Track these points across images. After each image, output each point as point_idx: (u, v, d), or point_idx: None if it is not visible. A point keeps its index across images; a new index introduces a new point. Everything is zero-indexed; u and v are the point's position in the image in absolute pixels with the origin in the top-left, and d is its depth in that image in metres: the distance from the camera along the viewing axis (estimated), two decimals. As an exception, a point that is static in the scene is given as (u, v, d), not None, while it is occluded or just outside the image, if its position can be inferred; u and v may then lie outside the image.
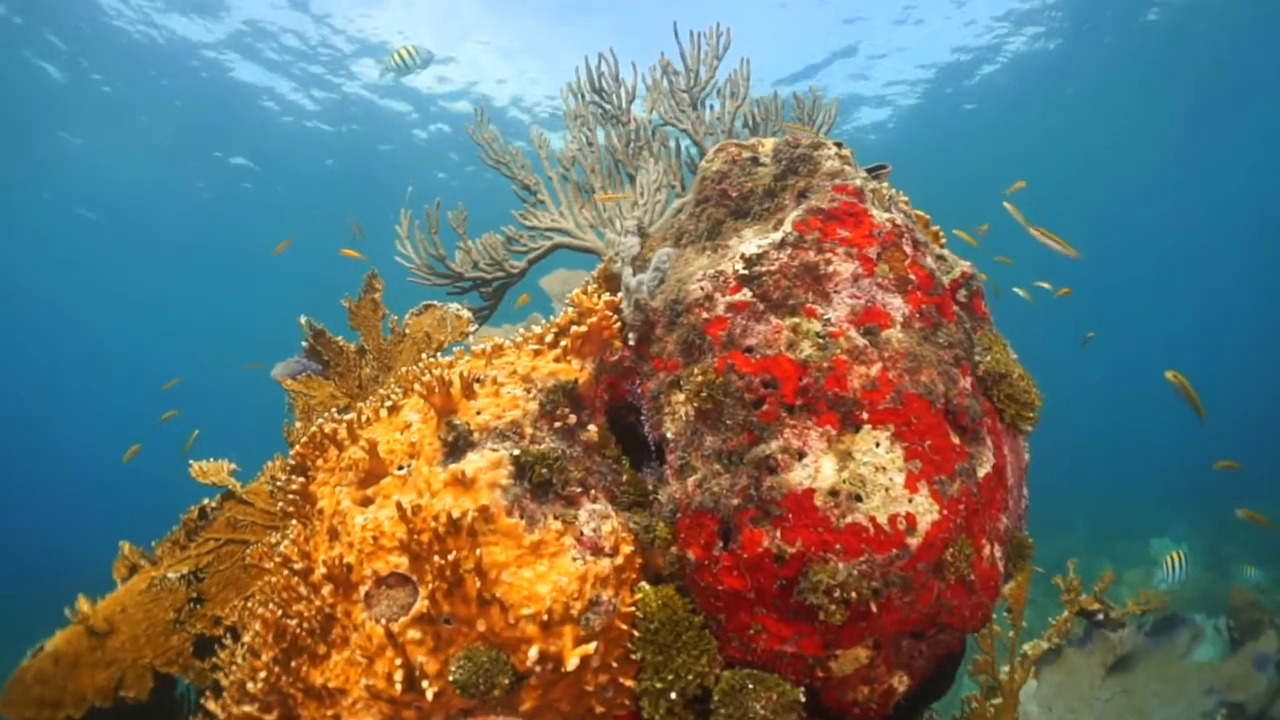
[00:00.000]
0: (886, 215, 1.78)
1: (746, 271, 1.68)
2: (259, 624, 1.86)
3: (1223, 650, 3.99)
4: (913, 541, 1.60)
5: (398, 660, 1.62)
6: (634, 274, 2.10)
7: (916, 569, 1.62)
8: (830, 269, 1.68)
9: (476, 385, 1.77)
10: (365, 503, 1.83)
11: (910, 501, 1.61)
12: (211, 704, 1.77)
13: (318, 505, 1.91)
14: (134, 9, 11.11)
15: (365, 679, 1.64)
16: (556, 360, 1.79)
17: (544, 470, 1.65)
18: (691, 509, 1.64)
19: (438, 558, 1.60)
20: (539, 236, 2.72)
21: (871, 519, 1.59)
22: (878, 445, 1.63)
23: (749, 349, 1.64)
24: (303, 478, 1.95)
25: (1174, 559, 3.86)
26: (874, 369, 1.64)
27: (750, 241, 1.73)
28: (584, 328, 1.78)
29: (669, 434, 1.72)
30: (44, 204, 15.76)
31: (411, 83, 12.92)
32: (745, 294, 1.67)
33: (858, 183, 1.79)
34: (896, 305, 1.72)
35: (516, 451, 1.67)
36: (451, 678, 1.59)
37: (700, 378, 1.63)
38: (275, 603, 1.87)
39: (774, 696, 1.63)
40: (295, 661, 1.75)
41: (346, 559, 1.73)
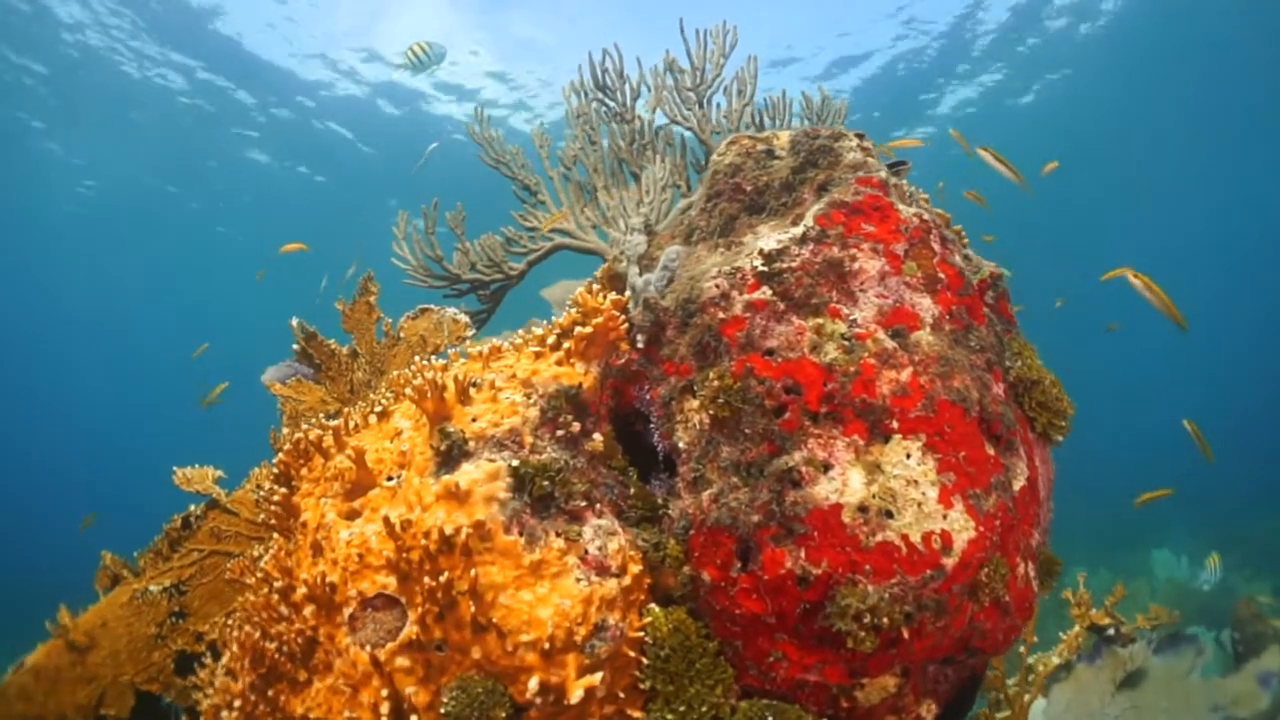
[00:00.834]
0: (913, 210, 1.59)
1: (766, 268, 1.49)
2: (235, 646, 1.64)
3: (1225, 664, 3.81)
4: (948, 562, 1.40)
5: (384, 690, 1.41)
6: (641, 273, 1.91)
7: (951, 591, 1.43)
8: (855, 266, 1.49)
9: (473, 390, 1.57)
10: (351, 516, 1.63)
11: (945, 518, 1.42)
12: (184, 734, 1.56)
13: (301, 518, 1.70)
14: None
15: (348, 710, 1.43)
16: (559, 364, 1.59)
17: (545, 483, 1.45)
18: (707, 526, 1.44)
19: (428, 579, 1.40)
20: (539, 238, 2.53)
21: (904, 537, 1.39)
22: (909, 457, 1.43)
23: (769, 351, 1.45)
24: (286, 488, 1.74)
25: (1214, 562, 3.76)
26: (904, 374, 1.44)
27: (768, 237, 1.54)
28: (588, 329, 1.58)
29: (681, 444, 1.52)
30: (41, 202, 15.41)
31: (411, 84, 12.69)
32: (765, 292, 1.48)
33: (882, 175, 1.61)
34: (926, 306, 1.53)
35: (515, 462, 1.47)
36: (443, 710, 1.38)
37: (716, 383, 1.43)
38: (254, 623, 1.65)
39: (797, 732, 1.43)
40: (274, 689, 1.54)
41: (330, 578, 1.52)
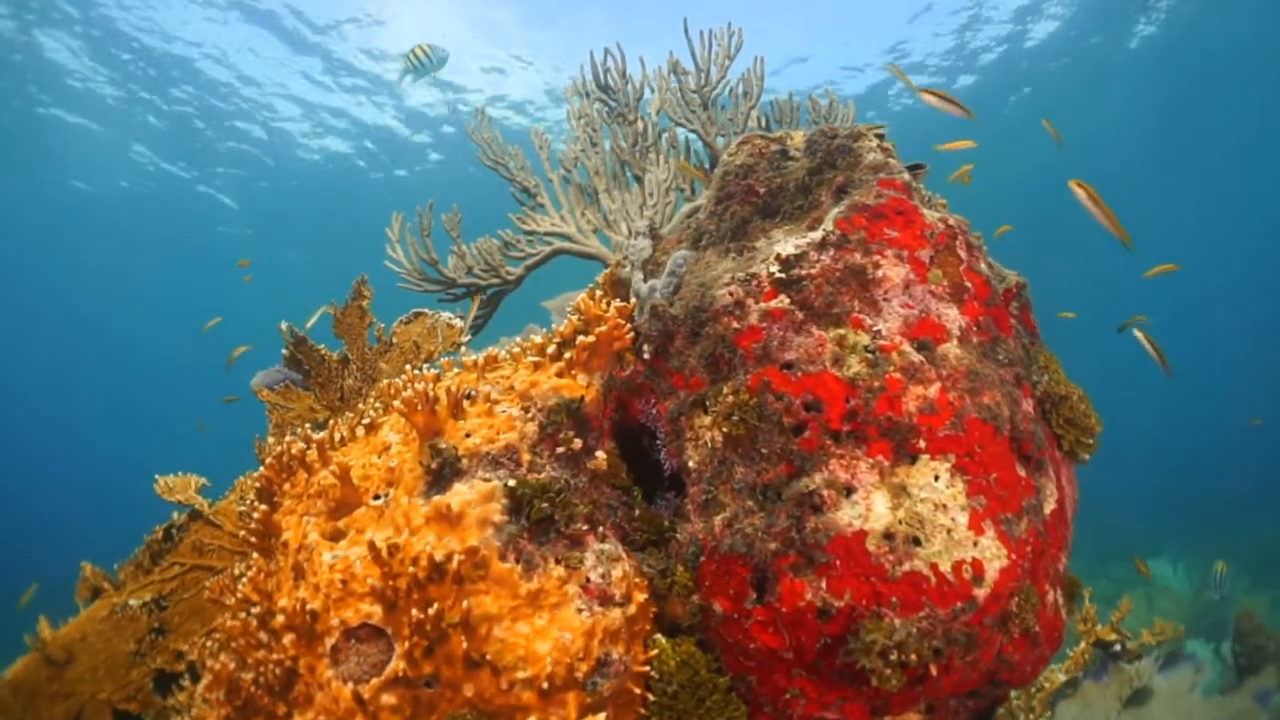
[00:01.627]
0: (937, 215, 1.44)
1: (784, 275, 1.34)
2: (210, 676, 1.47)
3: (1227, 677, 3.68)
4: (980, 593, 1.25)
5: (367, 732, 1.25)
6: (645, 279, 1.75)
7: (982, 624, 1.28)
8: (879, 274, 1.34)
9: (466, 402, 1.41)
10: (335, 536, 1.46)
11: (976, 545, 1.27)
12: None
13: (282, 537, 1.53)
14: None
15: (327, 753, 1.26)
16: (559, 375, 1.43)
17: (544, 505, 1.29)
18: (719, 553, 1.28)
19: (416, 610, 1.24)
20: (538, 242, 2.37)
21: (933, 566, 1.24)
22: (937, 479, 1.28)
23: (787, 365, 1.30)
24: (267, 505, 1.57)
25: (1220, 569, 3.60)
26: (932, 390, 1.29)
27: (786, 242, 1.39)
28: (591, 338, 1.42)
29: (691, 463, 1.36)
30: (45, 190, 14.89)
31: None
32: (782, 300, 1.33)
33: (905, 177, 1.46)
34: (952, 317, 1.38)
35: (512, 482, 1.31)
36: (431, 755, 1.22)
37: (730, 398, 1.28)
38: (231, 651, 1.49)
39: (816, 778, 1.28)
40: (249, 725, 1.37)
41: (311, 605, 1.36)
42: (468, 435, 1.38)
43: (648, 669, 1.33)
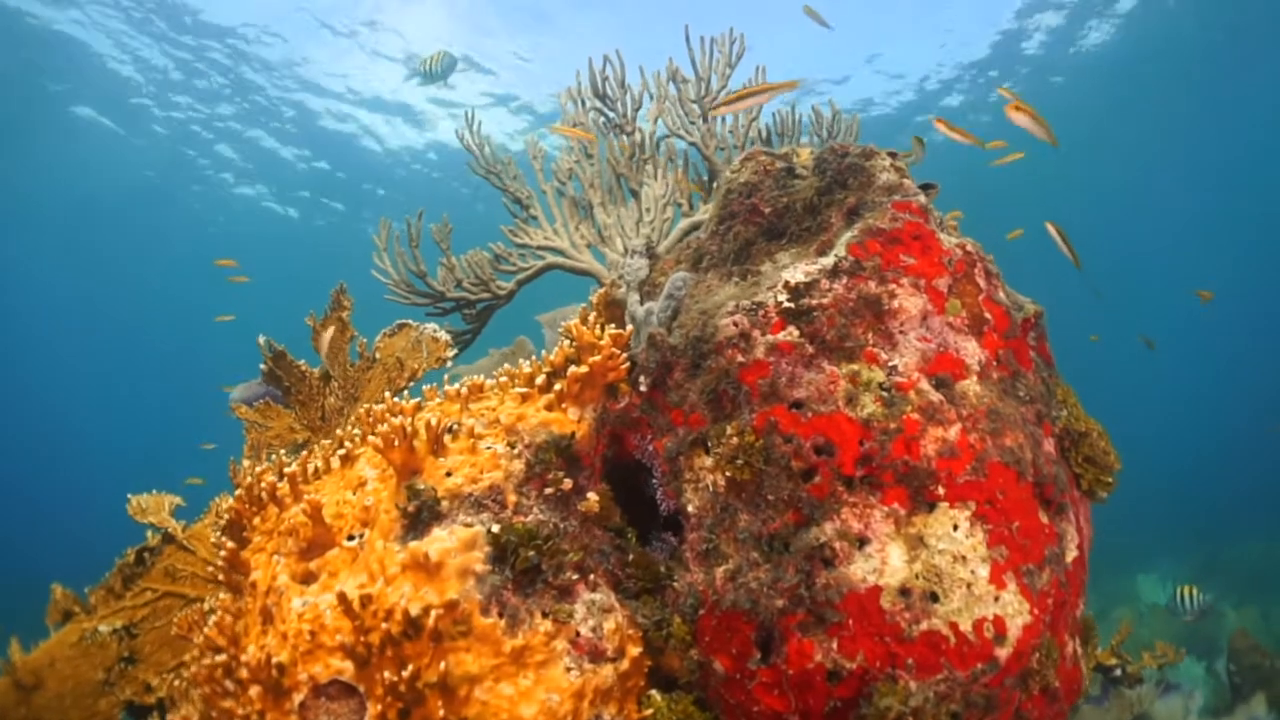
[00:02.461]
0: (955, 240, 1.31)
1: (793, 305, 1.20)
2: (171, 727, 1.33)
3: (1222, 695, 3.59)
4: (1002, 653, 1.13)
5: (334, 803, 1.11)
6: (642, 301, 1.62)
7: (1003, 685, 1.15)
8: (895, 304, 1.21)
9: (448, 437, 1.27)
10: (306, 579, 1.32)
11: (997, 601, 1.14)
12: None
13: (251, 577, 1.39)
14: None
15: (291, 826, 1.12)
16: (548, 408, 1.30)
17: (531, 554, 1.15)
18: (721, 608, 1.15)
19: (389, 672, 1.09)
20: (530, 255, 2.23)
21: (952, 625, 1.11)
22: (956, 528, 1.16)
23: (797, 404, 1.16)
24: (236, 540, 1.43)
25: (1185, 592, 3.43)
26: (952, 431, 1.16)
27: (793, 267, 1.26)
28: (583, 369, 1.29)
29: (690, 507, 1.23)
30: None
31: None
32: (791, 333, 1.19)
33: (922, 200, 1.33)
34: (971, 350, 1.25)
35: (496, 528, 1.17)
36: (404, 829, 1.08)
37: (735, 440, 1.14)
38: (195, 702, 1.35)
39: None
40: (209, 787, 1.23)
41: (278, 658, 1.21)
42: (449, 474, 1.25)
43: (642, 730, 1.20)
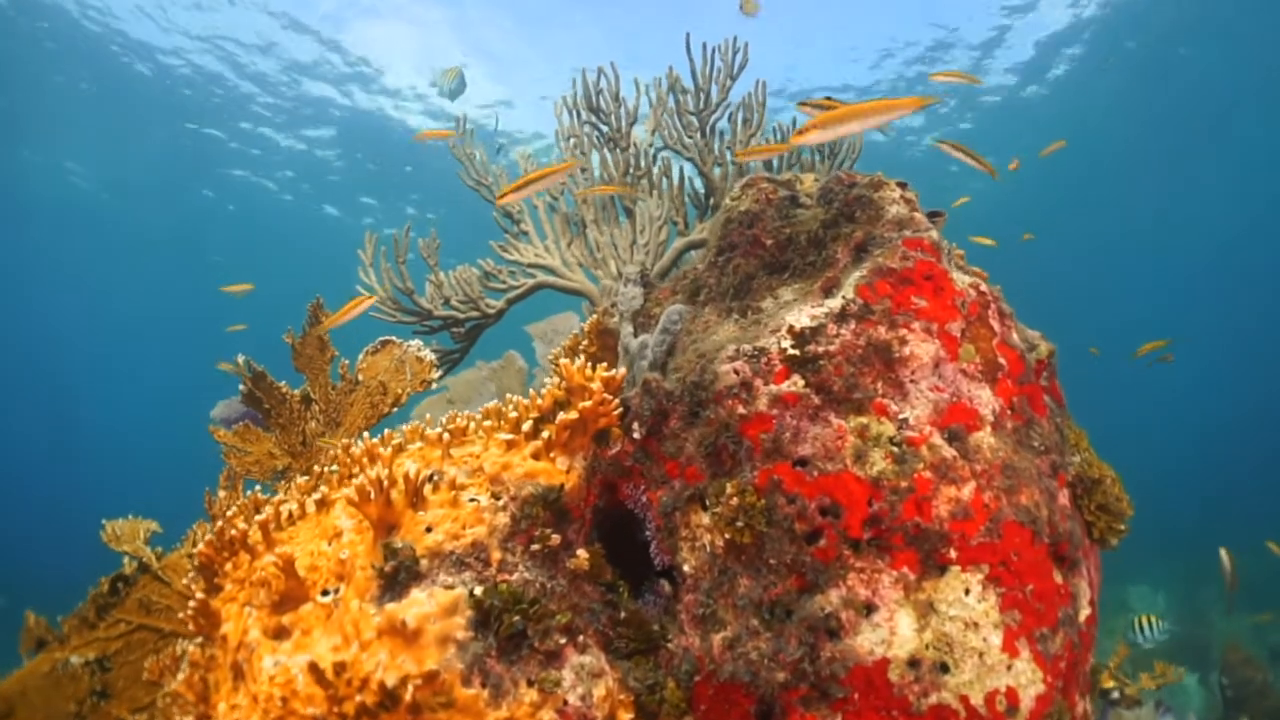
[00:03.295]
0: (969, 279, 1.22)
1: (797, 352, 1.10)
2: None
3: (1213, 708, 3.54)
4: (1015, 728, 1.04)
5: None
6: (636, 332, 1.51)
7: (1015, 761, 1.06)
8: (906, 351, 1.11)
9: (428, 487, 1.17)
10: (279, 634, 1.22)
11: (1010, 670, 1.06)
12: None
13: (221, 629, 1.29)
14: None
15: None
16: (535, 456, 1.20)
17: (516, 619, 1.06)
18: (719, 678, 1.06)
19: (361, 751, 1.00)
20: (520, 273, 2.12)
21: (963, 699, 1.03)
22: (968, 593, 1.07)
23: (801, 461, 1.07)
24: (206, 589, 1.33)
25: (1144, 621, 3.31)
26: (965, 490, 1.07)
27: (798, 310, 1.16)
28: (573, 414, 1.19)
29: (686, 566, 1.14)
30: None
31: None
32: (796, 383, 1.10)
33: (934, 236, 1.23)
34: (985, 399, 1.16)
35: (479, 590, 1.08)
36: None
37: (735, 500, 1.05)
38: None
39: None
40: None
41: (244, 724, 1.11)
42: (428, 530, 1.15)
43: (633, 803, 1.11)
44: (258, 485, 1.63)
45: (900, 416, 1.11)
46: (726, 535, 1.07)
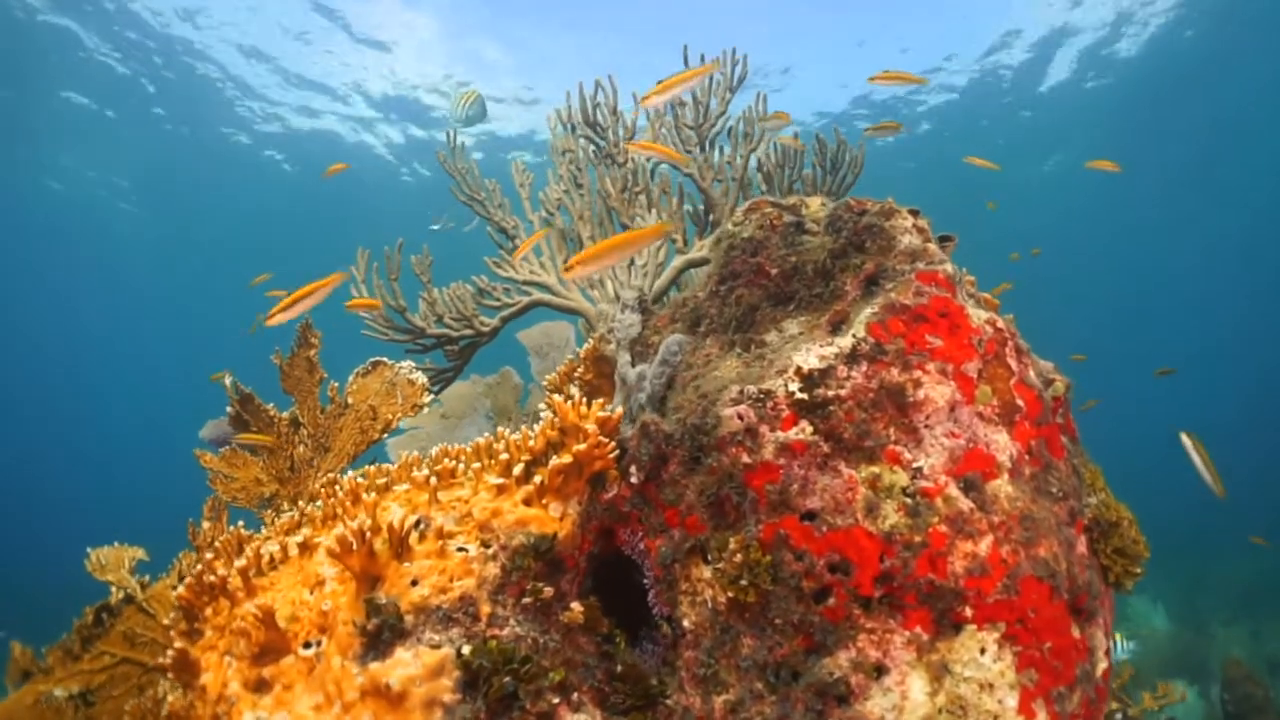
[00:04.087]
0: (985, 315, 1.14)
1: (806, 396, 1.03)
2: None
3: (1211, 718, 3.49)
4: (1033, 798, 0.97)
5: None
6: (634, 361, 1.43)
7: (1033, 829, 0.99)
8: (920, 394, 1.03)
9: (415, 535, 1.09)
10: (260, 686, 1.15)
11: (1028, 734, 0.98)
12: None
13: (201, 679, 1.22)
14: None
15: None
16: (527, 502, 1.12)
17: (507, 679, 0.98)
18: (720, 746, 0.98)
19: (340, 828, 0.92)
20: (515, 290, 2.04)
21: (980, 768, 0.95)
22: (983, 652, 0.99)
23: (809, 515, 0.99)
24: (186, 637, 1.25)
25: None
26: (982, 545, 1.00)
27: (806, 349, 1.08)
28: (567, 458, 1.11)
29: (686, 622, 1.06)
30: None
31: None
32: (804, 430, 1.02)
33: (948, 269, 1.15)
34: (1002, 444, 1.08)
35: (467, 649, 1.00)
36: None
37: (739, 557, 0.97)
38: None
39: None
40: None
41: (220, 787, 1.04)
42: (414, 583, 1.07)
43: None
44: (240, 522, 1.56)
45: (914, 465, 1.03)
46: (730, 593, 0.99)
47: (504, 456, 1.15)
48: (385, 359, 1.95)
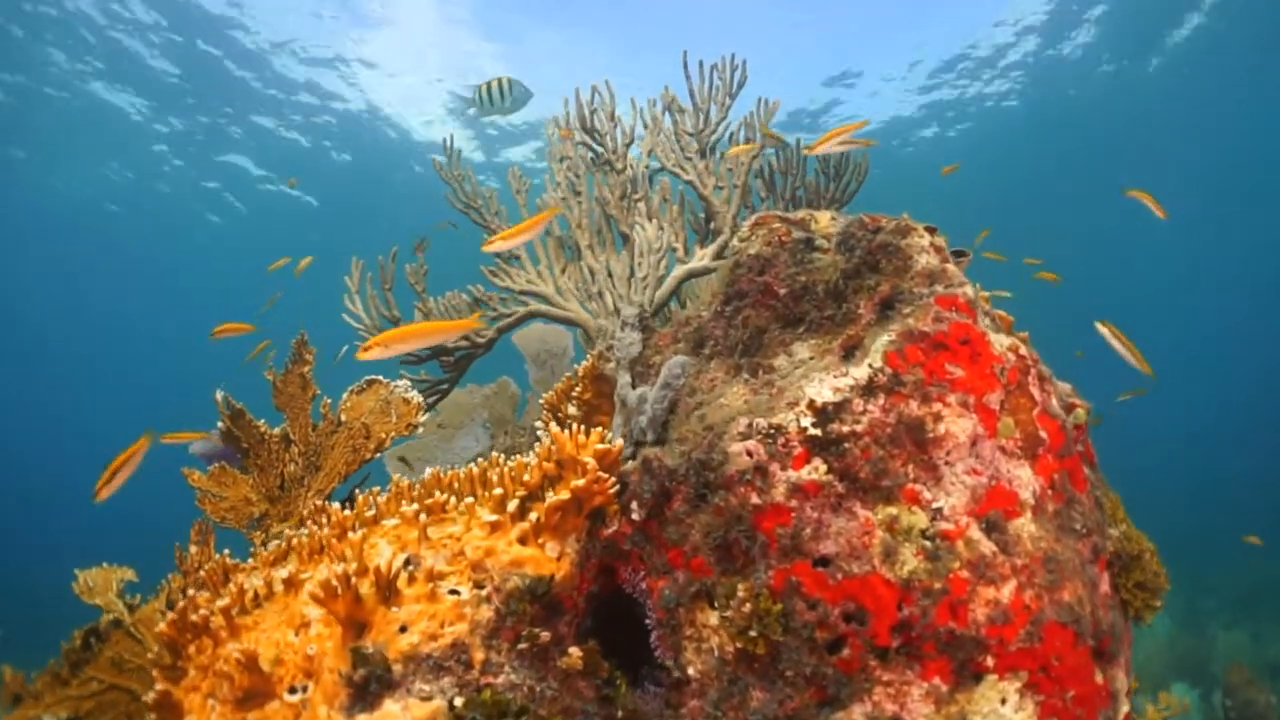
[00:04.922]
0: (1007, 341, 1.06)
1: (819, 432, 0.95)
2: None
3: (1213, 725, 3.45)
4: None
5: None
6: (634, 382, 1.36)
7: None
8: (941, 429, 0.96)
9: (404, 578, 1.01)
10: (242, 732, 1.07)
11: (1051, 791, 0.91)
12: None
13: (180, 721, 1.13)
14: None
15: None
16: (522, 541, 1.04)
17: (501, 735, 0.90)
18: (728, 806, 0.91)
19: None
20: (512, 300, 1.96)
21: (1002, 829, 0.88)
22: (1004, 702, 0.92)
23: (823, 560, 0.92)
24: (167, 672, 1.18)
25: None
26: (1005, 591, 0.92)
27: (819, 379, 1.00)
28: (565, 495, 1.03)
29: (691, 670, 0.99)
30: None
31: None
32: (817, 469, 0.94)
33: (969, 292, 1.07)
34: (1025, 479, 1.00)
35: (459, 701, 0.93)
36: None
37: (748, 606, 0.90)
38: None
39: None
40: None
41: (199, 844, 0.96)
42: (403, 629, 0.99)
43: None
44: (227, 550, 1.48)
45: (934, 505, 0.95)
46: (738, 644, 0.92)
47: (498, 491, 1.07)
48: (380, 377, 1.87)
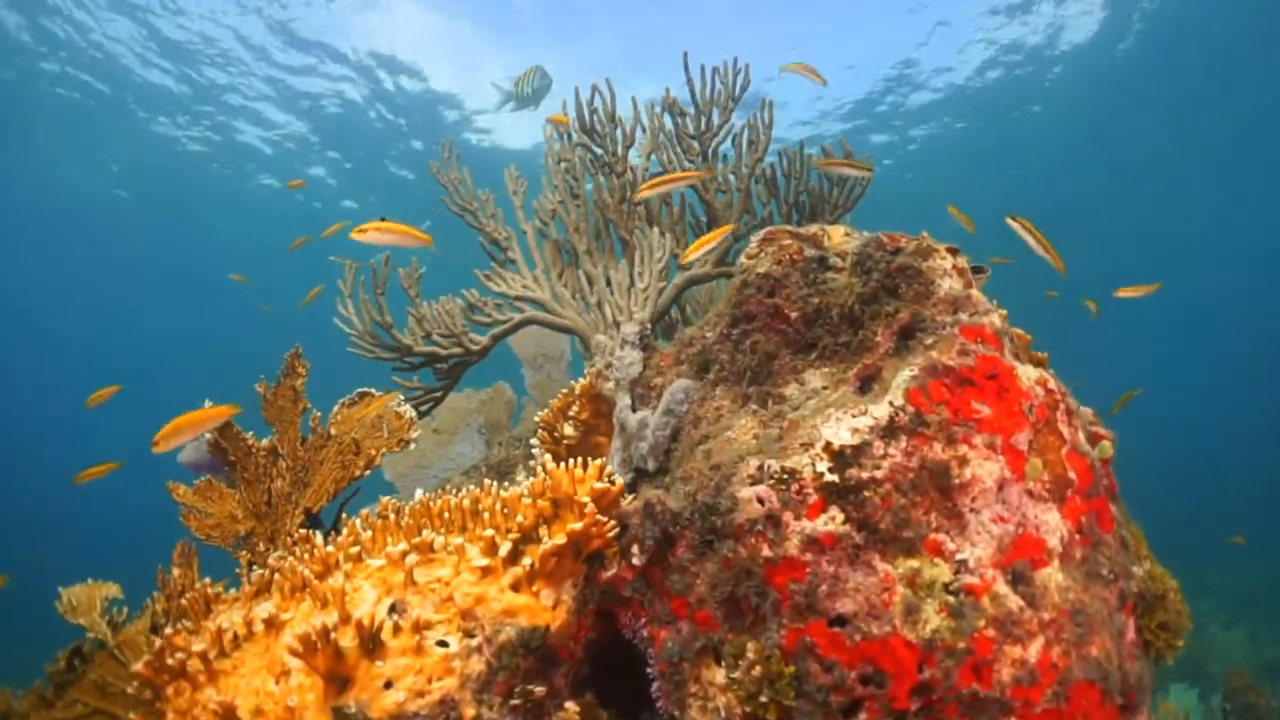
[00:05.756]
0: (1035, 374, 0.97)
1: (836, 478, 0.86)
2: None
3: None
4: None
5: None
6: (634, 406, 1.27)
7: None
8: (967, 474, 0.87)
9: (388, 627, 0.93)
10: (219, 784, 0.99)
11: None
12: None
13: (156, 768, 1.06)
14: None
15: None
16: (515, 587, 0.96)
17: (492, 804, 0.83)
18: None
19: None
20: (507, 306, 1.86)
21: None
22: (1031, 767, 0.84)
23: (840, 620, 0.83)
24: (149, 700, 1.10)
25: None
26: (1032, 650, 0.84)
27: (835, 419, 0.91)
28: (561, 539, 0.95)
29: (696, 729, 0.90)
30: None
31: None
32: (834, 518, 0.86)
33: (995, 321, 0.98)
34: (1053, 525, 0.92)
35: (447, 767, 0.84)
36: None
37: (758, 669, 0.82)
38: None
39: None
40: None
41: None
42: (388, 685, 0.91)
43: None
44: (208, 578, 1.40)
45: (958, 557, 0.87)
46: (747, 709, 0.84)
47: (489, 533, 0.99)
48: (372, 390, 1.78)
